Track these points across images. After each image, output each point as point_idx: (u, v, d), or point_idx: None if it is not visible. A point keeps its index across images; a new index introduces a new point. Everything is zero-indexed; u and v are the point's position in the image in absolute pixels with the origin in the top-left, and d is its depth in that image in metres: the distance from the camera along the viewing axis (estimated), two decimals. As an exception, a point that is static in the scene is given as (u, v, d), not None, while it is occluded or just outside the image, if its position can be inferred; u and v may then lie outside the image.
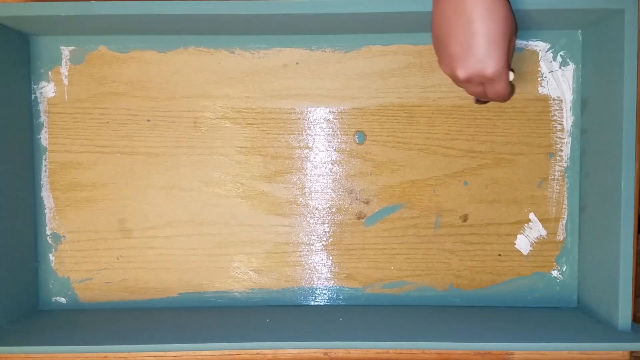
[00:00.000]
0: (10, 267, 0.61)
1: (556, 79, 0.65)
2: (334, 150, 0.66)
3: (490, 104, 0.64)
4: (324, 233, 0.66)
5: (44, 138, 0.66)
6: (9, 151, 0.61)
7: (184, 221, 0.66)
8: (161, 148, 0.66)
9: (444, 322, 0.61)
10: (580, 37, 0.64)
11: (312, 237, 0.66)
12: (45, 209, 0.66)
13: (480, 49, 0.45)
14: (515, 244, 0.66)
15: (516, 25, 0.50)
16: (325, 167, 0.66)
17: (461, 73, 0.47)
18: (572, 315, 0.63)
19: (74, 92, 0.65)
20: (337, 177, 0.66)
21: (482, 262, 0.66)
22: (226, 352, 0.63)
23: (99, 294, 0.67)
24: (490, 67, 0.46)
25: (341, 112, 0.66)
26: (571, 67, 0.65)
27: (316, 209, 0.66)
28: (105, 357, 0.63)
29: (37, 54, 0.65)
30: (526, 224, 0.66)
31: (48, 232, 0.66)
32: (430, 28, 0.50)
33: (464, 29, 0.45)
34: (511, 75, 0.52)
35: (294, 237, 0.66)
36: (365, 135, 0.66)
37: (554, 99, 0.65)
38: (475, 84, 0.49)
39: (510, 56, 0.50)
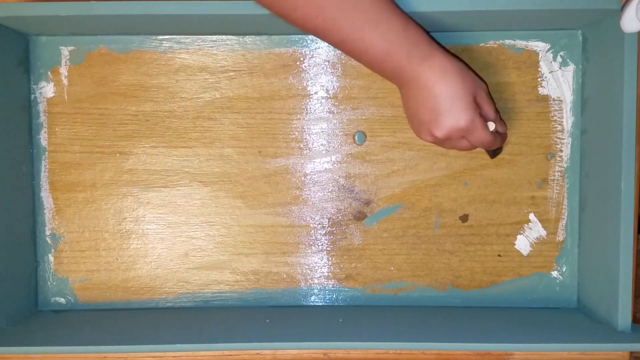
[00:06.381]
0: (10, 268, 0.61)
1: (556, 79, 0.65)
2: (334, 150, 0.66)
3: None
4: (324, 233, 0.66)
5: (43, 138, 0.66)
6: (9, 151, 0.61)
7: (184, 221, 0.66)
8: (160, 148, 0.66)
9: (444, 322, 0.61)
10: (580, 37, 0.64)
11: (312, 238, 0.66)
12: (45, 209, 0.66)
13: (446, 106, 0.51)
14: (515, 244, 0.66)
15: (481, 81, 0.57)
16: (325, 167, 0.66)
17: (439, 133, 0.52)
18: (572, 316, 0.63)
19: (73, 92, 0.65)
20: (337, 177, 0.66)
21: (482, 263, 0.66)
22: (226, 352, 0.63)
23: (98, 294, 0.66)
24: (461, 119, 0.51)
25: (341, 112, 0.66)
26: (571, 67, 0.64)
27: (316, 209, 0.66)
28: (105, 357, 0.63)
29: (36, 54, 0.65)
30: (526, 225, 0.66)
31: (47, 233, 0.66)
32: (405, 110, 0.56)
33: (428, 97, 0.51)
34: (491, 126, 0.56)
35: (294, 238, 0.66)
36: (365, 135, 0.66)
37: (554, 100, 0.65)
38: (457, 139, 0.54)
39: (487, 107, 0.55)
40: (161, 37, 0.65)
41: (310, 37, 0.65)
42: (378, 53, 0.50)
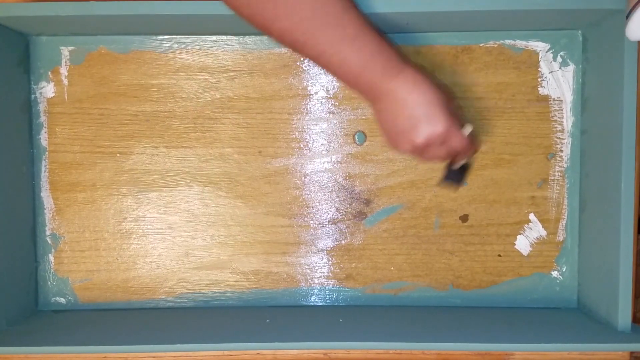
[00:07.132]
0: (10, 268, 0.61)
1: (556, 79, 0.65)
2: (334, 150, 0.66)
3: (492, 104, 0.64)
4: (324, 233, 0.66)
5: (43, 138, 0.66)
6: (9, 151, 0.61)
7: (184, 221, 0.66)
8: (161, 148, 0.66)
9: (444, 322, 0.61)
10: (580, 37, 0.64)
11: (312, 237, 0.66)
12: (45, 209, 0.66)
13: (422, 113, 0.52)
14: (515, 244, 0.66)
15: (449, 92, 0.58)
16: (325, 167, 0.66)
17: (419, 140, 0.53)
18: (572, 316, 0.63)
19: (73, 93, 0.65)
20: (337, 177, 0.66)
21: (482, 263, 0.66)
22: (226, 352, 0.63)
23: (98, 294, 0.66)
24: (438, 124, 0.52)
25: (341, 112, 0.65)
26: (571, 67, 0.64)
27: (316, 209, 0.66)
28: (105, 357, 0.63)
29: (37, 54, 0.65)
30: (526, 225, 0.66)
31: (47, 233, 0.66)
32: (380, 126, 0.56)
33: (404, 107, 0.52)
34: (467, 129, 0.56)
35: (294, 237, 0.66)
36: (365, 135, 0.66)
37: (554, 100, 0.65)
38: (436, 146, 0.54)
39: (458, 115, 0.56)
40: (161, 37, 0.65)
41: (311, 37, 0.65)
42: (353, 67, 0.51)
